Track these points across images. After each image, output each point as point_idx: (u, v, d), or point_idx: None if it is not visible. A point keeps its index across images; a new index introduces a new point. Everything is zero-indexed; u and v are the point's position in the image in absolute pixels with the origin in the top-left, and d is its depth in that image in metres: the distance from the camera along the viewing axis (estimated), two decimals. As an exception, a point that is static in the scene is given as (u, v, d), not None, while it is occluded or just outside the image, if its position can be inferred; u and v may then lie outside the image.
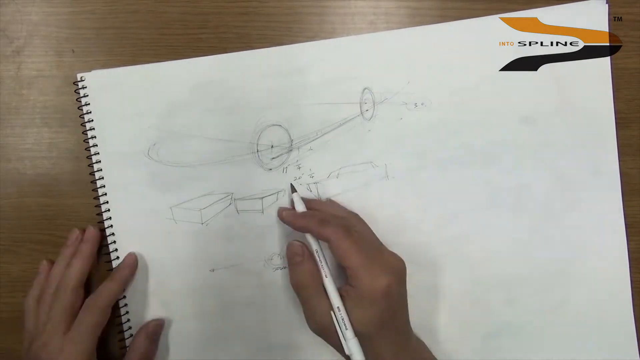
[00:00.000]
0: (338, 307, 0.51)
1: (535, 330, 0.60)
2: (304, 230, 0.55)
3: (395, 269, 0.52)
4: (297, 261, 0.54)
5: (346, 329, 0.50)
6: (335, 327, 0.51)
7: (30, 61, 0.61)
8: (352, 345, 0.50)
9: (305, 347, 0.60)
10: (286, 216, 0.56)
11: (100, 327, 0.56)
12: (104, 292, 0.56)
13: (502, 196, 0.60)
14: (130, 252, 0.59)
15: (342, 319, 0.50)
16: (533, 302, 0.59)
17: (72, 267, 0.57)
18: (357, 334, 0.50)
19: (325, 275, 0.53)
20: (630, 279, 0.60)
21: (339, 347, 0.52)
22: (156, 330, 0.59)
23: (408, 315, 0.54)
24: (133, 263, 0.59)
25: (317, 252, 0.54)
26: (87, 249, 0.58)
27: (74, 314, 0.55)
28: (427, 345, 0.57)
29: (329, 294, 0.52)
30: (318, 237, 0.54)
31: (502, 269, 0.60)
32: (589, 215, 0.60)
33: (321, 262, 0.54)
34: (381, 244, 0.55)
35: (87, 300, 0.56)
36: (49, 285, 0.57)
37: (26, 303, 0.58)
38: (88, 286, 0.59)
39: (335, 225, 0.52)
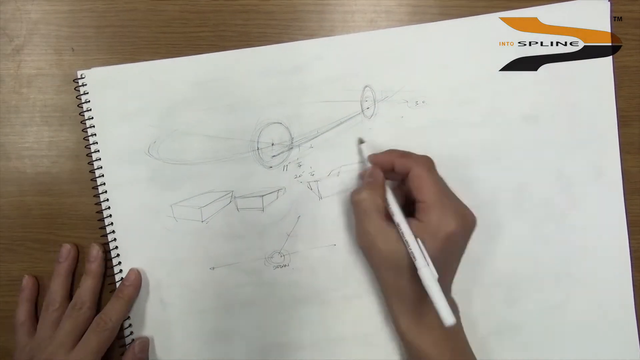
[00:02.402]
0: (415, 237, 0.50)
1: (536, 330, 0.60)
2: (386, 162, 0.54)
3: (466, 220, 0.52)
4: (370, 181, 0.54)
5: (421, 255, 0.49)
6: (407, 250, 0.49)
7: (30, 59, 0.61)
8: (425, 272, 0.48)
9: (306, 346, 0.59)
10: (369, 158, 0.56)
11: (106, 347, 0.56)
12: (111, 313, 0.57)
13: (503, 195, 0.59)
14: (132, 268, 0.59)
15: (420, 245, 0.49)
16: (533, 302, 0.59)
17: (85, 286, 0.58)
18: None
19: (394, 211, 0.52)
20: (632, 278, 0.60)
21: (381, 268, 0.52)
22: (142, 348, 0.58)
23: (454, 274, 0.54)
24: (137, 280, 0.59)
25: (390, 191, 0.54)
26: (97, 268, 0.59)
27: (82, 332, 0.56)
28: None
29: (399, 225, 0.51)
30: (399, 168, 0.53)
31: (502, 269, 0.59)
32: (591, 214, 0.60)
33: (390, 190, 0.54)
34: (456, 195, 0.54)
35: (95, 319, 0.56)
36: (53, 301, 0.58)
37: (17, 318, 0.58)
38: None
39: (418, 157, 0.53)
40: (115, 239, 0.59)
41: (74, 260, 0.60)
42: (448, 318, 0.46)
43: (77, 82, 0.59)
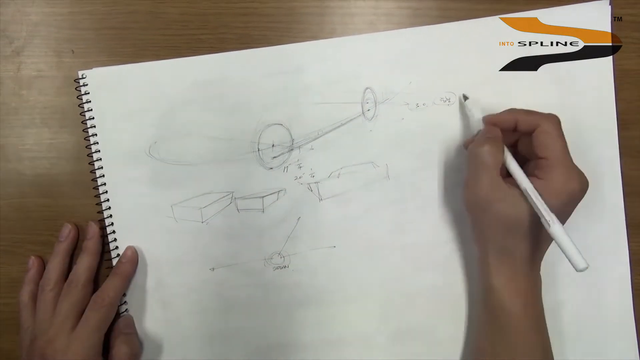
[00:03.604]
0: (534, 189, 0.49)
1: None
2: (508, 121, 0.53)
3: (584, 184, 0.51)
4: (490, 137, 0.53)
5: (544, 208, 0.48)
6: (531, 203, 0.49)
7: (30, 61, 0.61)
8: (558, 229, 0.48)
9: (305, 347, 0.59)
10: (489, 118, 0.55)
11: (107, 324, 0.56)
12: (109, 289, 0.57)
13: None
14: (129, 246, 0.59)
15: (537, 198, 0.49)
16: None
17: (82, 264, 0.58)
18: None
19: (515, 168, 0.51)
20: (631, 280, 0.60)
21: (486, 224, 0.52)
22: (127, 323, 0.59)
23: None
24: (134, 257, 0.59)
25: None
26: (94, 245, 0.59)
27: (81, 311, 0.56)
28: (427, 345, 0.58)
29: (522, 184, 0.50)
30: (524, 125, 0.52)
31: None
32: (590, 216, 0.60)
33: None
34: None
35: (93, 297, 0.56)
36: (48, 280, 0.57)
37: (21, 300, 0.58)
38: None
39: (547, 114, 0.52)
40: (115, 239, 0.59)
41: (73, 241, 0.60)
42: (581, 263, 0.47)
43: (78, 82, 0.59)
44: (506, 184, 0.51)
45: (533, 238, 0.51)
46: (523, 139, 0.55)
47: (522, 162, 0.52)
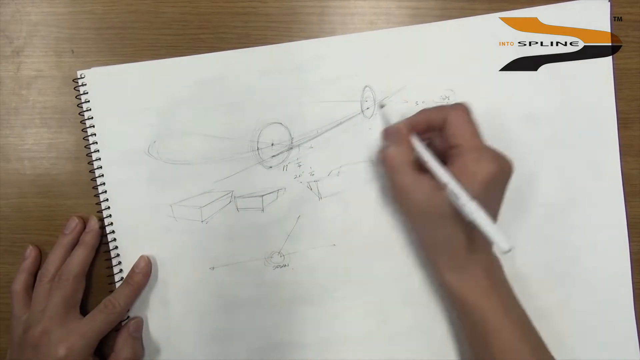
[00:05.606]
0: (444, 172, 0.49)
1: (536, 330, 0.60)
2: (420, 122, 0.53)
3: (503, 164, 0.50)
4: (394, 137, 0.53)
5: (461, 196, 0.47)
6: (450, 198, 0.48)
7: (29, 61, 0.61)
8: (471, 206, 0.46)
9: (305, 346, 0.59)
10: (399, 125, 0.54)
11: (109, 329, 0.56)
12: (120, 297, 0.57)
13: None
14: (142, 256, 0.59)
15: (448, 180, 0.48)
16: (534, 302, 0.59)
17: (76, 256, 0.58)
18: None
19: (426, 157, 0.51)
20: (632, 280, 0.60)
21: (421, 218, 0.52)
22: (137, 328, 0.59)
23: (496, 222, 0.52)
24: (147, 269, 0.59)
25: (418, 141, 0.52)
26: (91, 239, 0.59)
27: (73, 303, 0.56)
28: (427, 343, 0.58)
29: (434, 170, 0.50)
30: (436, 120, 0.52)
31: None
32: (591, 216, 0.60)
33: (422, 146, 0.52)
34: None
35: (104, 301, 0.57)
36: (46, 272, 0.58)
37: (13, 288, 0.58)
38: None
39: (455, 104, 0.52)
40: (115, 239, 0.59)
41: (77, 235, 0.60)
42: (504, 243, 0.45)
43: (77, 82, 0.59)
44: (423, 176, 0.50)
45: (465, 224, 0.49)
46: (439, 134, 0.54)
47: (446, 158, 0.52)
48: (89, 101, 0.59)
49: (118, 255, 0.59)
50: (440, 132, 0.53)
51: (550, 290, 0.59)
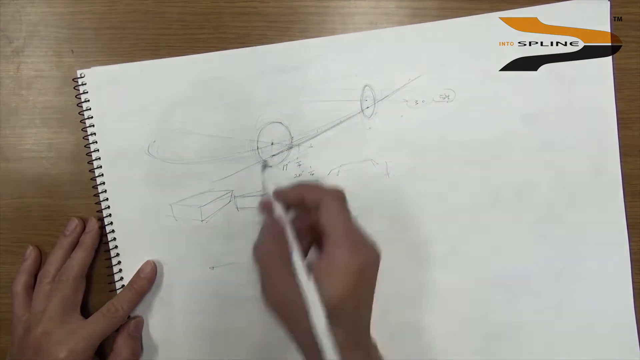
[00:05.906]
0: (306, 285, 0.46)
1: (536, 330, 0.59)
2: (295, 197, 0.51)
3: (374, 254, 0.49)
4: (272, 232, 0.50)
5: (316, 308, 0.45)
6: (301, 304, 0.46)
7: (29, 61, 0.61)
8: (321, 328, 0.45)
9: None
10: (275, 193, 0.51)
11: (110, 332, 0.57)
12: (124, 301, 0.57)
13: (503, 195, 0.59)
14: (148, 261, 0.59)
15: (309, 294, 0.45)
16: (533, 302, 0.59)
17: (75, 257, 0.58)
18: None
19: (294, 250, 0.48)
20: (632, 279, 0.60)
21: (293, 324, 0.49)
22: (137, 327, 0.59)
23: (370, 312, 0.51)
24: (152, 274, 0.59)
25: (288, 223, 0.49)
26: (90, 240, 0.59)
27: (73, 304, 0.56)
28: (427, 344, 0.58)
29: (296, 269, 0.47)
30: (310, 200, 0.49)
31: (502, 268, 0.59)
32: (590, 216, 0.60)
33: (292, 235, 0.49)
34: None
35: (107, 304, 0.57)
36: (46, 273, 0.58)
37: (14, 289, 0.59)
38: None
39: (329, 190, 0.50)
40: (115, 239, 0.59)
41: (78, 236, 0.60)
42: None
43: (77, 82, 0.59)
44: (293, 282, 0.47)
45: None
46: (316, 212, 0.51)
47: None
48: (88, 101, 0.59)
49: (118, 255, 0.59)
50: (315, 210, 0.50)
51: (550, 289, 0.59)
